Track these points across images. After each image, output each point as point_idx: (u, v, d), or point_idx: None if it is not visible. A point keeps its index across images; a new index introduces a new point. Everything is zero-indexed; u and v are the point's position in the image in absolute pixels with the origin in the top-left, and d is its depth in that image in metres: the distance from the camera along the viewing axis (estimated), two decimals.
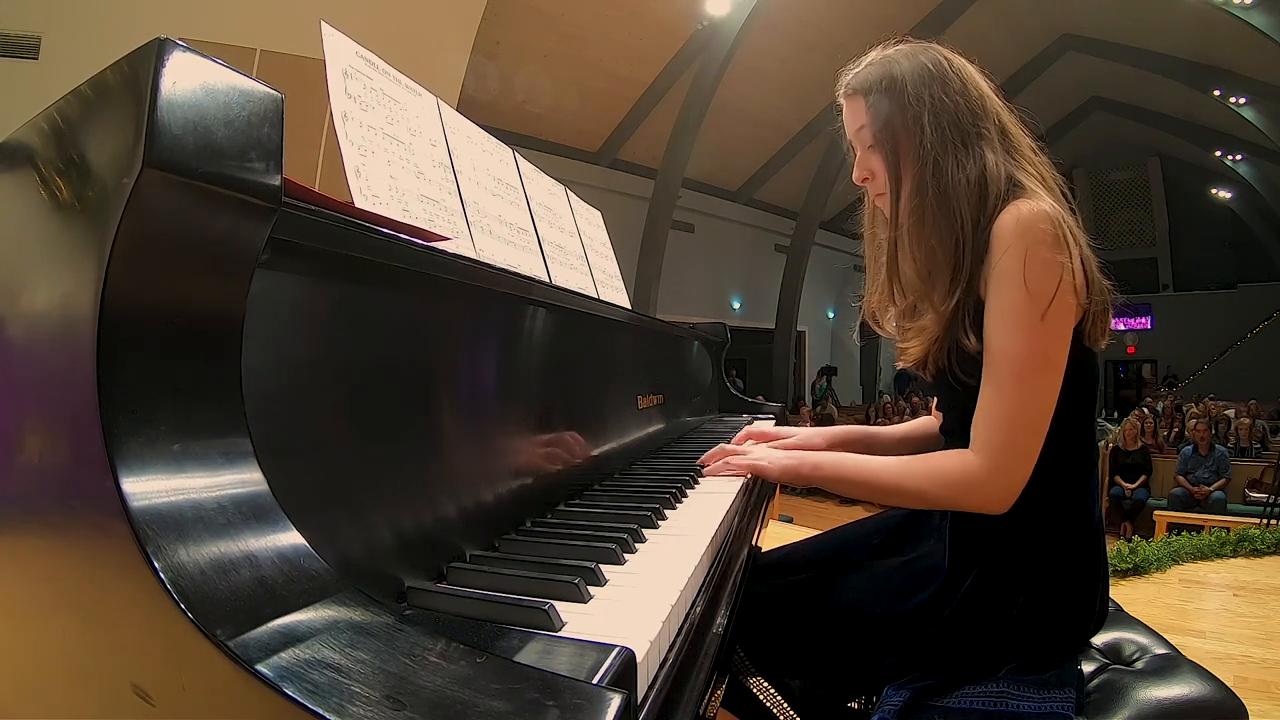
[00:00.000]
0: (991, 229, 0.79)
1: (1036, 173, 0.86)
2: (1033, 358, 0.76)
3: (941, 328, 0.83)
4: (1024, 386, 0.76)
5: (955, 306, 0.81)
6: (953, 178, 0.82)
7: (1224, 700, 0.81)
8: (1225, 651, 2.20)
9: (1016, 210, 0.78)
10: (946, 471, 0.81)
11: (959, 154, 0.83)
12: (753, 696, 1.07)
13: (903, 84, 0.86)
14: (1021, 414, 0.77)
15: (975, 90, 0.87)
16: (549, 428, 0.89)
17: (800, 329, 14.14)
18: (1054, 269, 0.75)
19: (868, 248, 1.02)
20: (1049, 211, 0.78)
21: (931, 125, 0.84)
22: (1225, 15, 9.46)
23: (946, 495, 0.81)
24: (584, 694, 0.32)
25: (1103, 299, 0.81)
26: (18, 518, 0.40)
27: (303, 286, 0.50)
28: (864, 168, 0.92)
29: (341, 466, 0.52)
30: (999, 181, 0.82)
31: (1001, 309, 0.77)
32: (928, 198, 0.83)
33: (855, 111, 0.91)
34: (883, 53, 0.91)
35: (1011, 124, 0.89)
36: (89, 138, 0.38)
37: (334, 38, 0.76)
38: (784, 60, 10.18)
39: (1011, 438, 0.77)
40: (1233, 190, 14.90)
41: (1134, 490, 6.10)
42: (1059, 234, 0.76)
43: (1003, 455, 0.77)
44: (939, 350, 0.84)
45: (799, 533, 2.66)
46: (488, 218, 0.98)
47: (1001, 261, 0.77)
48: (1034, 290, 0.75)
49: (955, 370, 0.82)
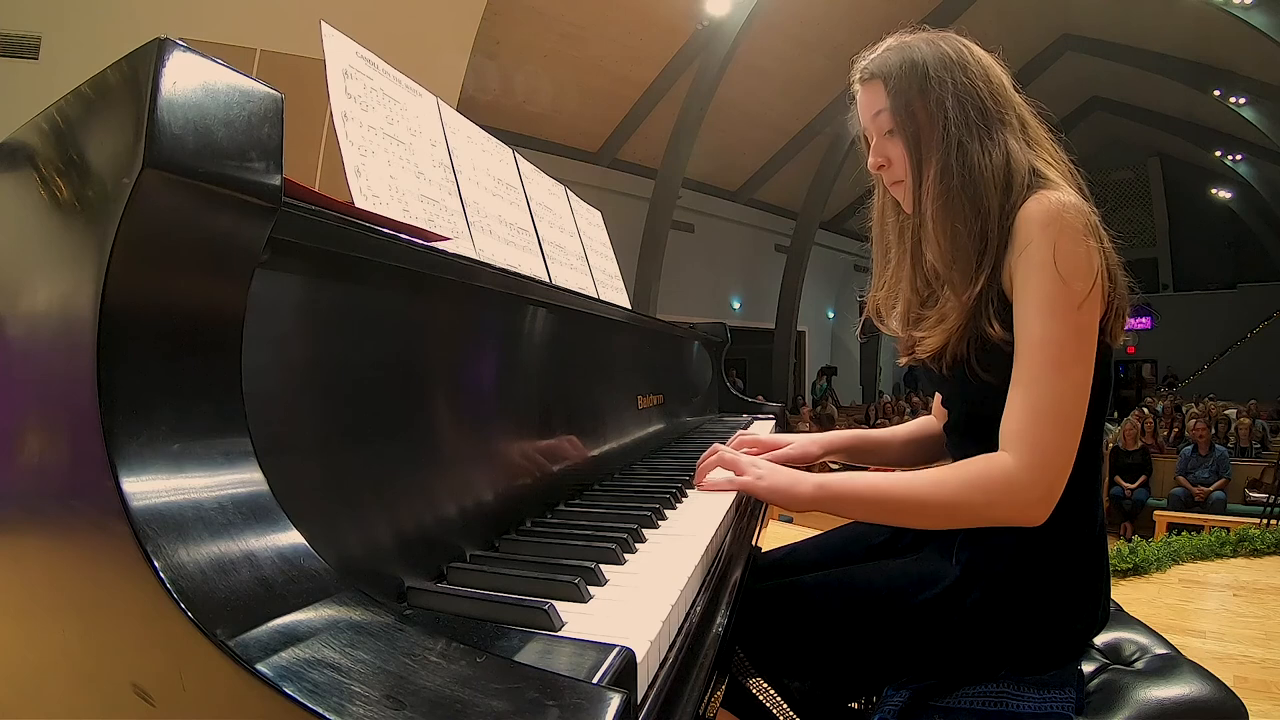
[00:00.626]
0: (1016, 217, 0.78)
1: (1058, 165, 0.85)
2: (1069, 346, 0.73)
3: (963, 317, 0.80)
4: (1061, 378, 0.73)
5: (979, 294, 0.79)
6: (978, 161, 0.80)
7: (1224, 700, 0.81)
8: (1225, 651, 2.20)
9: (1044, 199, 0.77)
10: (981, 476, 0.75)
11: (984, 138, 0.81)
12: (752, 697, 1.07)
13: (924, 67, 0.84)
14: (1058, 407, 0.73)
15: (996, 78, 0.86)
16: (549, 427, 0.89)
17: (800, 329, 14.15)
18: (1088, 257, 0.74)
19: (876, 241, 1.00)
20: (1076, 203, 0.76)
21: (955, 109, 0.82)
22: (1225, 15, 9.46)
23: (982, 503, 0.74)
24: (584, 694, 0.32)
25: (1124, 295, 0.80)
26: (18, 518, 0.40)
27: (303, 286, 0.50)
28: (880, 154, 0.89)
29: (341, 466, 0.52)
30: (1023, 170, 0.80)
31: (1036, 297, 0.74)
32: (953, 181, 0.81)
33: (873, 96, 0.88)
34: (900, 39, 0.89)
35: (1030, 115, 0.88)
36: (89, 138, 0.38)
37: (334, 38, 0.76)
38: (784, 60, 10.18)
39: (1049, 433, 0.73)
40: (1233, 190, 14.90)
41: (1134, 490, 6.10)
42: (1087, 224, 0.75)
43: (1040, 452, 0.72)
44: (959, 340, 0.81)
45: (799, 533, 2.66)
46: (488, 218, 0.98)
47: (1030, 250, 0.75)
48: (1068, 278, 0.73)
49: (974, 363, 0.80)
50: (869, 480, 0.82)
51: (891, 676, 0.89)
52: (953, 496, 0.76)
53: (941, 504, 0.77)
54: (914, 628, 0.83)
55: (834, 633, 0.87)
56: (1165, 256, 16.01)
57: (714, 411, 2.12)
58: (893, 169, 0.89)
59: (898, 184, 0.90)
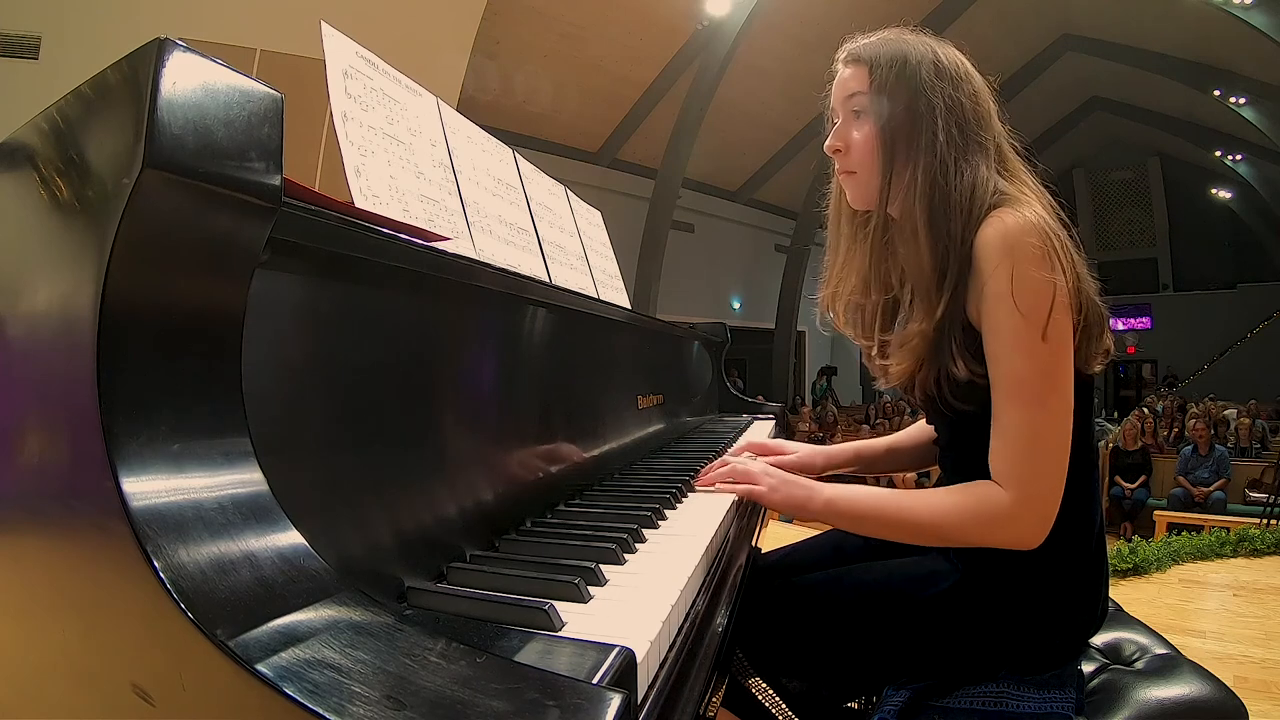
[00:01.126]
0: (974, 242, 0.76)
1: (1028, 186, 0.84)
2: (1041, 380, 0.73)
3: (928, 349, 0.80)
4: (1039, 411, 0.73)
5: (939, 322, 0.78)
6: (955, 183, 0.79)
7: (1224, 700, 0.81)
8: (1225, 651, 2.20)
9: (1000, 222, 0.75)
10: (976, 506, 0.76)
11: (959, 159, 0.80)
12: (752, 697, 1.07)
13: (916, 69, 0.82)
14: (1042, 440, 0.74)
15: (985, 103, 0.85)
16: (549, 427, 0.89)
17: (800, 329, 14.14)
18: (1044, 289, 0.72)
19: (830, 234, 0.98)
20: (1035, 222, 0.75)
21: (944, 123, 0.80)
22: (1225, 15, 9.46)
23: (981, 534, 0.76)
24: (584, 694, 0.32)
25: (1097, 320, 0.79)
26: (18, 518, 0.40)
27: (303, 286, 0.50)
28: (841, 138, 0.87)
29: (341, 466, 0.52)
30: (986, 196, 0.79)
31: (1000, 333, 0.75)
32: (924, 193, 0.80)
33: (855, 78, 0.86)
34: (899, 33, 0.87)
35: (1008, 148, 0.86)
36: (89, 138, 0.38)
37: (334, 38, 0.76)
38: (784, 60, 10.17)
39: (1035, 467, 0.74)
40: (1233, 190, 14.90)
41: (1134, 490, 6.10)
42: (1046, 248, 0.73)
43: (1029, 485, 0.74)
44: (925, 376, 0.81)
45: (799, 533, 2.66)
46: (488, 218, 0.98)
47: (990, 284, 0.74)
48: (1026, 311, 0.72)
49: (946, 396, 0.80)
50: (872, 501, 0.84)
51: (891, 676, 0.89)
52: (949, 522, 0.78)
53: (939, 529, 0.79)
54: (914, 628, 0.83)
55: (834, 633, 0.87)
56: (1165, 256, 15.99)
57: (714, 412, 2.12)
58: (849, 156, 0.87)
59: (849, 174, 0.88)
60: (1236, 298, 14.80)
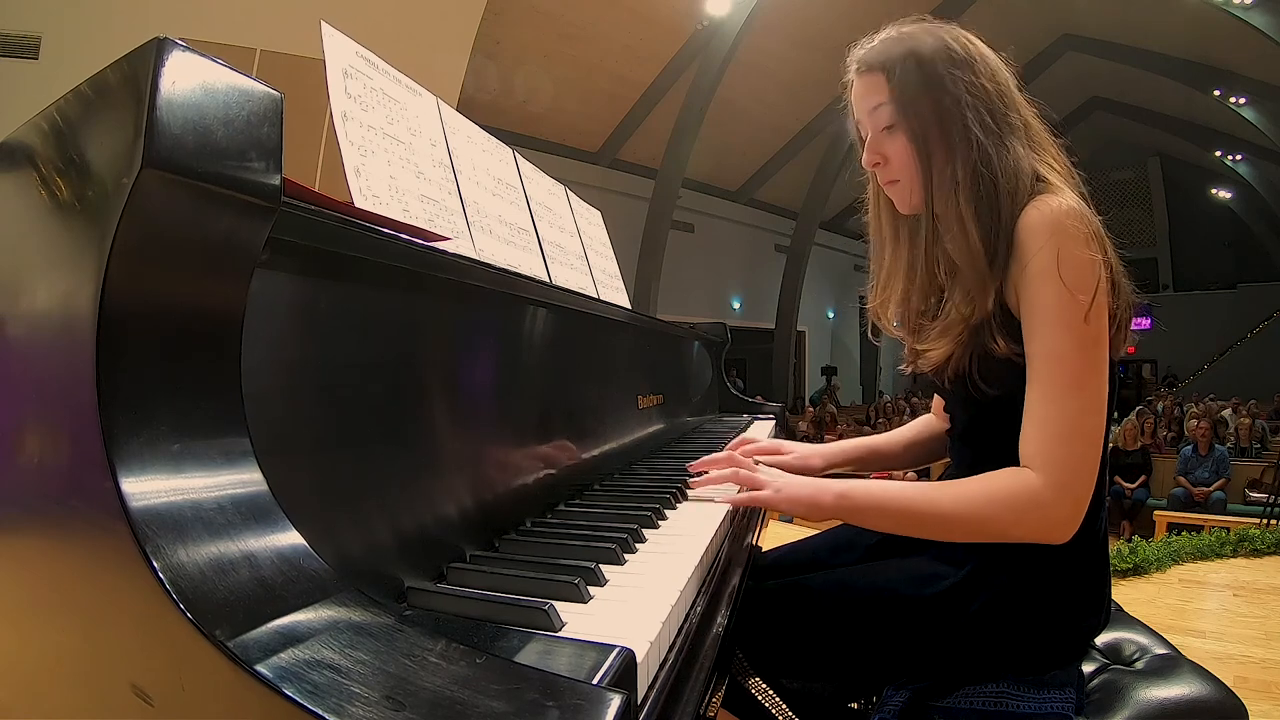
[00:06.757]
0: (1016, 226, 0.76)
1: (1060, 169, 0.82)
2: (1080, 358, 0.72)
3: (967, 332, 0.78)
4: (1078, 392, 0.71)
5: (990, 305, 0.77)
6: (999, 168, 0.77)
7: (1224, 700, 0.81)
8: (1225, 651, 2.20)
9: (1045, 205, 0.74)
10: (1007, 494, 0.73)
11: (996, 143, 0.79)
12: (752, 697, 1.07)
13: (931, 62, 0.80)
14: (1078, 423, 0.71)
15: (1003, 78, 0.83)
16: (549, 427, 0.88)
17: (800, 329, 14.15)
18: (1090, 266, 0.72)
19: (874, 242, 0.96)
20: (1077, 208, 0.74)
21: (973, 114, 0.79)
22: (1225, 15, 9.47)
23: (1010, 521, 0.73)
24: (584, 694, 0.32)
25: (1128, 304, 0.78)
26: (18, 518, 0.40)
27: (303, 286, 0.50)
28: (876, 151, 0.85)
29: (341, 466, 0.52)
30: (1028, 176, 0.78)
31: (1044, 311, 0.73)
32: (969, 185, 0.78)
33: (872, 88, 0.84)
34: (899, 29, 0.85)
35: (1034, 118, 0.85)
36: (89, 137, 0.38)
37: (334, 38, 0.76)
38: (784, 60, 10.18)
39: (1072, 450, 0.71)
40: (1233, 190, 14.91)
41: (1134, 490, 6.10)
42: (1089, 231, 0.73)
43: (1065, 470, 0.71)
44: (962, 355, 0.79)
45: (799, 533, 2.66)
46: (488, 218, 0.98)
47: (1035, 262, 0.73)
48: (1073, 286, 0.71)
49: (976, 378, 0.79)
50: (892, 494, 0.80)
51: (891, 676, 0.89)
52: (979, 513, 0.74)
53: (967, 520, 0.75)
54: (914, 628, 0.83)
55: (834, 633, 0.87)
56: (1165, 256, 16.02)
57: (714, 411, 2.12)
58: (889, 167, 0.86)
59: (893, 183, 0.87)
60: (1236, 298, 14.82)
